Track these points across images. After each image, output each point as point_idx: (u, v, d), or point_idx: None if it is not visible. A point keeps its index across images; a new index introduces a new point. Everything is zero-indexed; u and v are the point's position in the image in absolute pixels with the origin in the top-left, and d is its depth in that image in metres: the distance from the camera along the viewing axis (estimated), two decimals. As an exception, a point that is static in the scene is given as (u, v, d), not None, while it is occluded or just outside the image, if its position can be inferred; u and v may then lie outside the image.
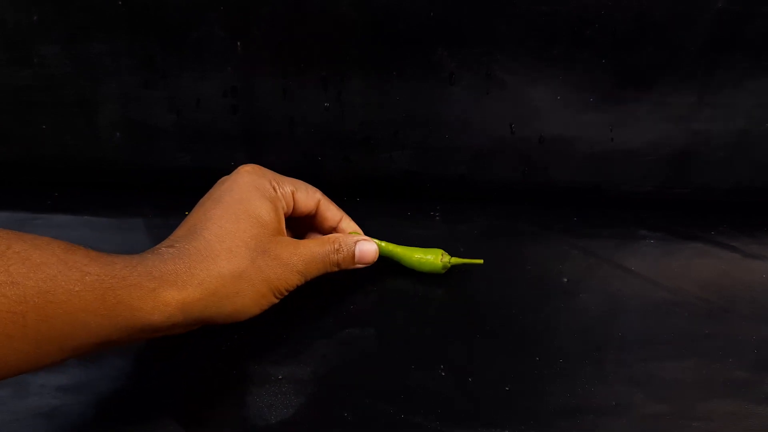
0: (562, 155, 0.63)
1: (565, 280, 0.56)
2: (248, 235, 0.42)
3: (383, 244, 0.54)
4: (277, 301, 0.44)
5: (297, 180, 0.50)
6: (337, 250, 0.47)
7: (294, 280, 0.44)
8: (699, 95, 0.58)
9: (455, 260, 0.54)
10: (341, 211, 0.53)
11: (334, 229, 0.52)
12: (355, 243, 0.49)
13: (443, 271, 0.54)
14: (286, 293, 0.45)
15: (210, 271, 0.39)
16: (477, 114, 0.61)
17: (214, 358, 0.48)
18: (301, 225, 0.53)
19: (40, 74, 0.60)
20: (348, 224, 0.53)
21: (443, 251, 0.54)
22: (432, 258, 0.54)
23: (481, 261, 0.54)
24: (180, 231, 0.42)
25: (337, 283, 0.55)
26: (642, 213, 0.64)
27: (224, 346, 0.49)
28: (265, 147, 0.64)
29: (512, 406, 0.45)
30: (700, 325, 0.52)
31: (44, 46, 0.59)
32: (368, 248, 0.50)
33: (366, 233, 0.54)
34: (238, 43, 0.58)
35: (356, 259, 0.49)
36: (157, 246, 0.40)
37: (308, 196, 0.50)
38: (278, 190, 0.46)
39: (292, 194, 0.48)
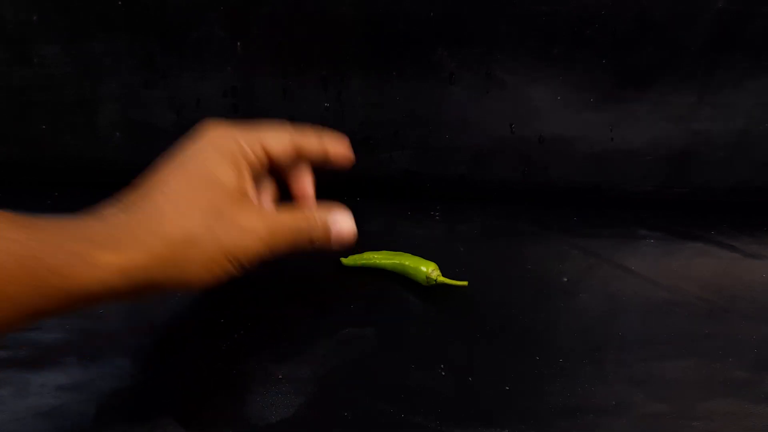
0: (562, 155, 0.63)
1: (565, 279, 0.56)
2: (203, 198, 0.38)
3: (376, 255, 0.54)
4: (235, 271, 0.39)
5: (265, 127, 0.44)
6: (311, 223, 0.42)
7: (255, 247, 0.39)
8: (699, 95, 0.58)
9: (442, 279, 0.53)
10: (320, 137, 0.46)
11: (327, 156, 0.46)
12: (333, 220, 0.43)
13: (425, 284, 0.53)
14: (248, 264, 0.39)
15: (156, 235, 0.36)
16: (477, 114, 0.61)
17: (214, 358, 0.48)
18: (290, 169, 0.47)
19: (40, 74, 0.60)
20: (336, 146, 0.47)
21: (436, 266, 0.53)
22: (424, 268, 0.53)
23: (465, 283, 0.52)
24: (130, 193, 0.38)
25: (337, 283, 0.55)
26: (642, 213, 0.64)
27: (224, 345, 0.49)
28: (265, 147, 0.64)
29: (512, 405, 0.45)
30: (700, 325, 0.52)
31: (44, 45, 0.59)
32: (347, 228, 0.44)
33: (366, 233, 0.54)
34: (238, 43, 0.58)
35: (333, 238, 0.44)
36: (100, 208, 0.37)
37: (279, 140, 0.44)
38: (244, 149, 0.41)
39: (262, 147, 0.42)
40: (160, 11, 0.57)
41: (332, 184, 0.57)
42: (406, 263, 0.54)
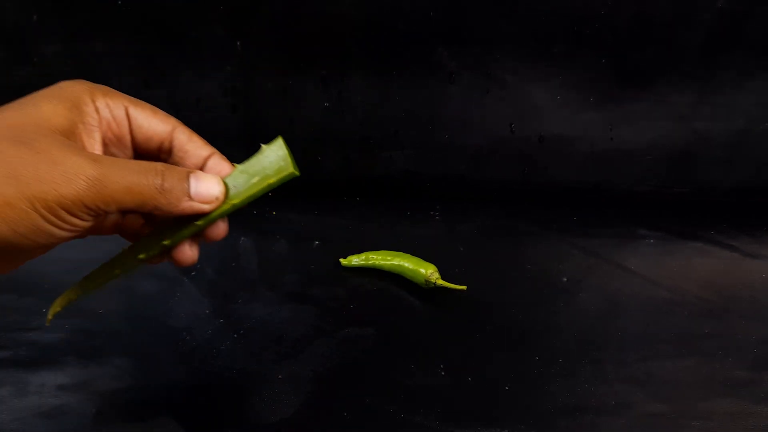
0: (562, 155, 0.63)
1: (565, 279, 0.56)
2: (5, 123, 0.29)
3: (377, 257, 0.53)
4: (49, 226, 0.28)
5: (146, 103, 0.35)
6: (162, 171, 0.31)
7: (76, 191, 0.28)
8: (699, 95, 0.58)
9: (441, 282, 0.53)
10: (212, 147, 0.37)
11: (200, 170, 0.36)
12: (189, 174, 0.33)
13: (425, 287, 0.54)
14: (70, 216, 0.28)
15: None
16: (477, 113, 0.61)
17: (214, 358, 0.48)
18: None
19: (40, 73, 0.60)
20: (220, 162, 0.36)
21: (435, 269, 0.54)
22: (423, 271, 0.53)
23: (464, 287, 0.53)
24: None
25: (337, 283, 0.55)
26: (642, 212, 0.64)
27: (224, 345, 0.49)
28: (265, 146, 0.64)
29: (512, 405, 0.45)
30: (699, 325, 0.52)
31: (44, 45, 0.59)
32: (208, 183, 0.33)
33: (366, 232, 0.54)
34: (238, 43, 0.58)
35: (193, 194, 0.32)
36: None
37: (154, 117, 0.35)
38: (99, 99, 0.33)
39: (126, 111, 0.34)
40: (160, 11, 0.57)
41: (332, 184, 0.58)
42: (405, 265, 0.54)
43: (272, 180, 0.35)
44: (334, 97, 0.60)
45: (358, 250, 0.57)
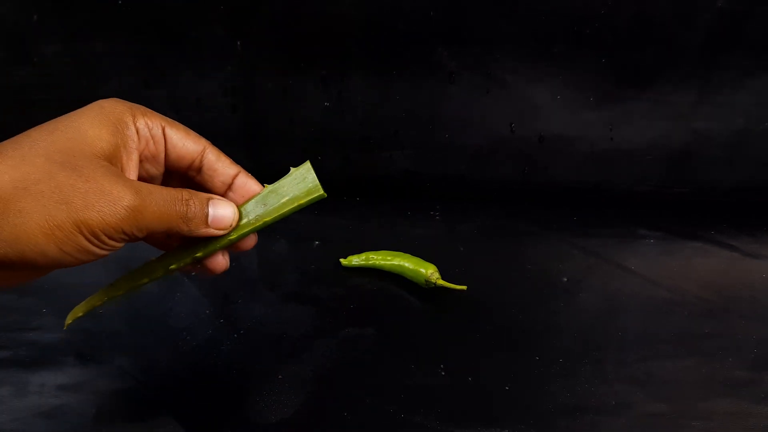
0: (561, 154, 0.63)
1: (565, 279, 0.56)
2: (56, 147, 0.31)
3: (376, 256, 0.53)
4: (90, 246, 0.31)
5: (180, 124, 0.38)
6: (186, 200, 0.35)
7: (117, 217, 0.31)
8: (698, 94, 0.58)
9: (441, 283, 0.53)
10: (238, 165, 0.40)
11: (228, 187, 0.40)
12: (209, 201, 0.36)
13: (425, 287, 0.54)
14: (109, 240, 0.32)
15: None
16: (477, 113, 0.61)
17: (214, 358, 0.48)
18: (186, 185, 0.39)
19: (40, 73, 0.60)
20: (246, 180, 0.39)
21: (435, 269, 0.54)
22: (423, 271, 0.53)
23: (464, 287, 0.53)
24: None
25: (337, 283, 0.55)
26: (642, 212, 0.64)
27: (224, 345, 0.49)
28: (265, 146, 0.64)
29: (512, 405, 0.45)
30: (699, 324, 0.52)
31: (44, 45, 0.59)
32: (224, 212, 0.37)
33: (366, 232, 0.54)
34: (238, 43, 0.58)
35: (210, 221, 0.36)
36: None
37: (188, 138, 0.38)
38: (138, 119, 0.36)
39: (163, 130, 0.37)
40: (160, 11, 0.57)
41: (332, 184, 0.58)
42: (406, 265, 0.54)
43: (302, 201, 0.38)
44: (334, 96, 0.60)
45: (358, 250, 0.57)
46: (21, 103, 0.61)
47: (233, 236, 0.37)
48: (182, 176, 0.39)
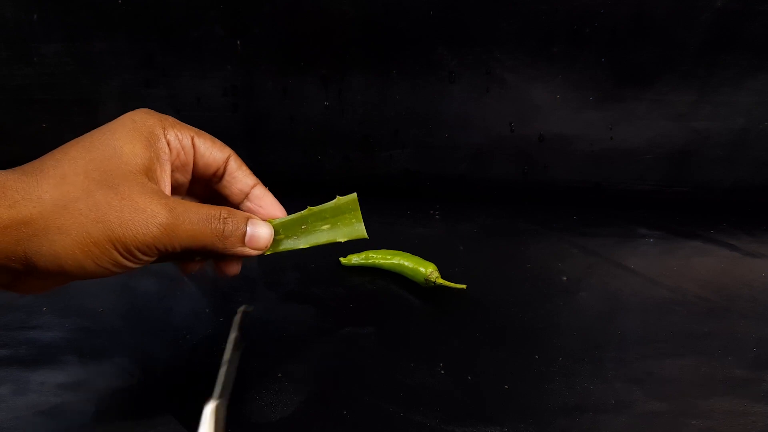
0: (561, 154, 0.63)
1: (565, 278, 0.56)
2: (94, 165, 0.32)
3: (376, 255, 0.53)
4: (124, 261, 0.33)
5: (206, 133, 0.39)
6: (224, 218, 0.36)
7: (151, 234, 0.32)
8: (698, 94, 0.58)
9: (441, 281, 0.53)
10: (256, 177, 0.41)
11: (245, 196, 0.41)
12: (248, 220, 0.37)
13: (425, 286, 0.54)
14: (142, 255, 0.33)
15: (26, 194, 0.31)
16: (477, 112, 0.61)
17: (214, 357, 0.48)
18: (207, 191, 0.42)
19: (40, 73, 0.60)
20: (263, 192, 0.41)
21: (435, 267, 0.54)
22: (423, 270, 0.53)
23: (464, 286, 0.53)
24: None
25: (337, 282, 0.55)
26: (641, 212, 0.64)
27: (224, 344, 0.49)
28: (265, 145, 0.64)
29: (512, 403, 0.45)
30: (699, 324, 0.52)
31: (45, 44, 0.59)
32: (261, 232, 0.38)
33: (366, 232, 0.54)
34: (238, 42, 0.58)
35: (246, 240, 0.37)
36: None
37: (214, 147, 0.39)
38: (169, 132, 0.36)
39: (192, 140, 0.38)
40: (160, 10, 0.57)
41: (332, 183, 0.58)
42: (405, 264, 0.54)
43: (342, 239, 0.38)
44: (334, 96, 0.61)
45: (358, 249, 0.57)
46: (21, 102, 0.62)
47: (267, 252, 0.38)
48: (205, 183, 0.40)
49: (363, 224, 0.38)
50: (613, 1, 0.54)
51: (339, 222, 0.39)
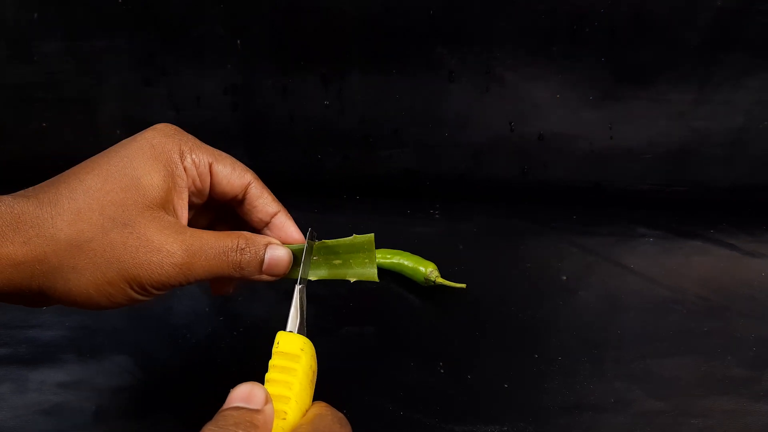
0: (561, 153, 0.63)
1: (564, 277, 0.56)
2: (110, 199, 0.32)
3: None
4: (140, 296, 0.33)
5: (224, 154, 0.38)
6: (242, 249, 0.35)
7: (165, 272, 0.32)
8: (698, 93, 0.58)
9: (441, 281, 0.53)
10: (279, 203, 0.39)
11: (266, 225, 0.39)
12: (266, 246, 0.36)
13: (424, 285, 0.54)
14: (156, 291, 0.33)
15: (41, 230, 0.31)
16: (476, 112, 0.61)
17: (214, 356, 0.48)
18: (225, 217, 0.41)
19: (40, 71, 0.60)
20: (285, 221, 0.39)
21: (435, 267, 0.54)
22: (423, 269, 0.53)
23: (464, 285, 0.53)
24: (43, 183, 0.34)
25: (337, 281, 0.55)
26: (641, 211, 0.64)
27: (224, 343, 0.49)
28: (265, 144, 0.64)
29: (511, 402, 0.45)
30: (698, 323, 0.52)
31: (45, 43, 0.59)
32: (280, 256, 0.37)
33: (366, 231, 0.54)
34: (238, 41, 0.58)
35: (264, 267, 0.36)
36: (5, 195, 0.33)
37: (233, 173, 0.37)
38: (186, 157, 0.35)
39: (210, 166, 0.36)
40: (160, 9, 0.57)
41: (332, 182, 0.58)
42: (405, 263, 0.54)
43: (351, 279, 0.38)
44: (334, 95, 0.60)
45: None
46: (21, 102, 0.62)
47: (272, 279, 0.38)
48: (226, 207, 0.39)
49: (376, 267, 0.38)
50: (613, 0, 0.54)
51: (351, 260, 0.38)
